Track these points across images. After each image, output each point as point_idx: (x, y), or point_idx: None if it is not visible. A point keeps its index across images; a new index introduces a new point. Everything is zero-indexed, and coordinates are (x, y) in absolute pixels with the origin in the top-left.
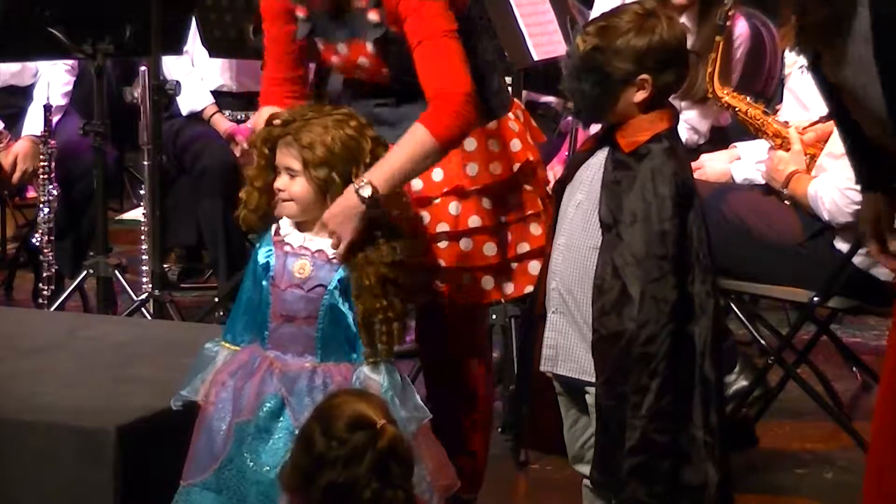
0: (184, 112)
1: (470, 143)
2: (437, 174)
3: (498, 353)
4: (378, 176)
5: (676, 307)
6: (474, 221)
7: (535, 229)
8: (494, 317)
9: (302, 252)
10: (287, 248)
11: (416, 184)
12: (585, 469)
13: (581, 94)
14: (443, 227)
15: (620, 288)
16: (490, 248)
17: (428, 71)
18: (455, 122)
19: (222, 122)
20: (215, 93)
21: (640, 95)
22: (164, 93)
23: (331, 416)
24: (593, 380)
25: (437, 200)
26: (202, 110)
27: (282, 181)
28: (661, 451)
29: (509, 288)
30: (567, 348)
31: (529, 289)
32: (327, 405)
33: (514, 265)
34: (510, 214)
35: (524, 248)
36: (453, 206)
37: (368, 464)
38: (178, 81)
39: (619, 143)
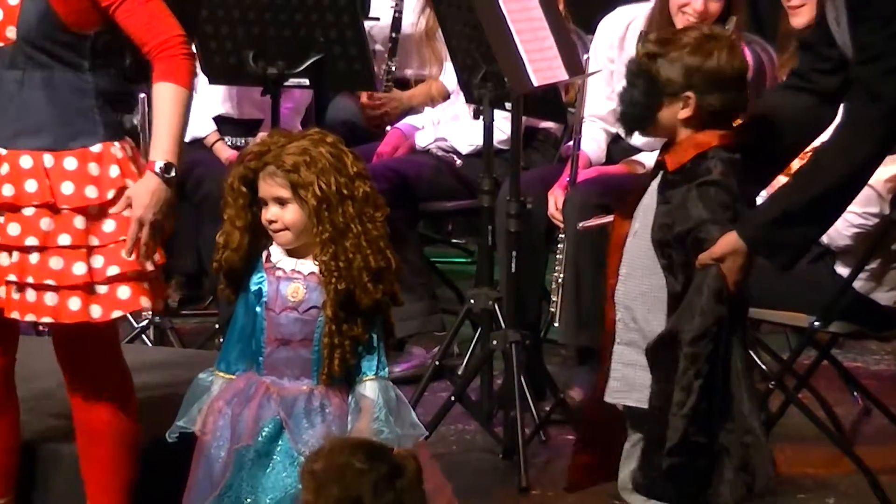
0: (186, 139)
1: (70, 163)
2: (31, 185)
3: (499, 380)
4: (164, 150)
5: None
6: (64, 240)
7: (126, 254)
8: (495, 342)
9: (294, 276)
10: (279, 273)
11: (7, 189)
12: (631, 499)
13: (629, 100)
14: (32, 241)
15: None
16: (80, 268)
17: (141, 26)
18: (190, 62)
19: (224, 150)
20: (216, 119)
21: (684, 113)
22: None
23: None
24: None
25: (29, 212)
26: (204, 137)
27: (272, 212)
28: (699, 453)
29: (96, 311)
30: (634, 379)
31: (117, 313)
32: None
33: (104, 288)
34: (102, 237)
35: (114, 271)
36: (45, 222)
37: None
38: None
39: (667, 164)
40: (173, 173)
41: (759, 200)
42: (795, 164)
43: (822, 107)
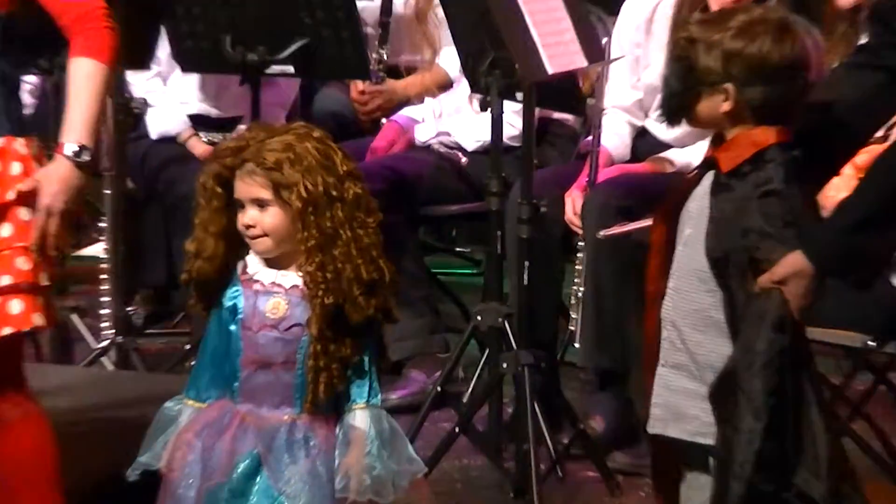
0: (153, 135)
1: None
2: None
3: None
4: (77, 131)
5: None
6: None
7: (23, 263)
8: (505, 365)
9: (275, 289)
10: (257, 287)
11: None
12: None
13: (667, 86)
14: None
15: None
16: None
17: None
18: (111, 37)
19: (199, 146)
20: (192, 118)
21: (725, 106)
22: (130, 112)
23: None
24: (713, 442)
25: None
26: (177, 134)
27: (250, 216)
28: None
29: None
30: (680, 407)
31: (7, 330)
32: None
33: None
34: None
35: (6, 281)
36: None
37: None
38: (144, 99)
39: (719, 163)
40: (86, 157)
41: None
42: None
43: (894, 86)
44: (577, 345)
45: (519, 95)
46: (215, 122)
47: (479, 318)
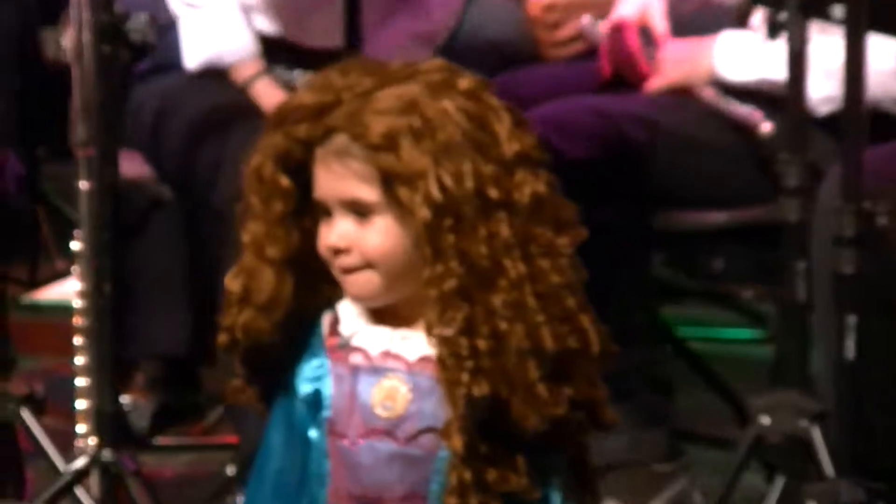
0: (191, 63)
1: None
2: None
3: None
4: None
5: None
6: None
7: None
8: None
9: (389, 365)
10: (357, 360)
11: None
12: None
13: None
14: None
15: None
16: None
17: None
18: None
19: (272, 93)
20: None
21: None
22: (123, 39)
23: None
24: None
25: None
26: (233, 66)
27: (341, 231)
28: None
29: None
30: None
31: None
32: None
33: None
34: None
35: None
36: None
37: None
38: (151, 16)
39: None
40: None
41: None
42: None
43: None
44: None
45: (837, 12)
46: (307, 54)
47: (763, 418)
